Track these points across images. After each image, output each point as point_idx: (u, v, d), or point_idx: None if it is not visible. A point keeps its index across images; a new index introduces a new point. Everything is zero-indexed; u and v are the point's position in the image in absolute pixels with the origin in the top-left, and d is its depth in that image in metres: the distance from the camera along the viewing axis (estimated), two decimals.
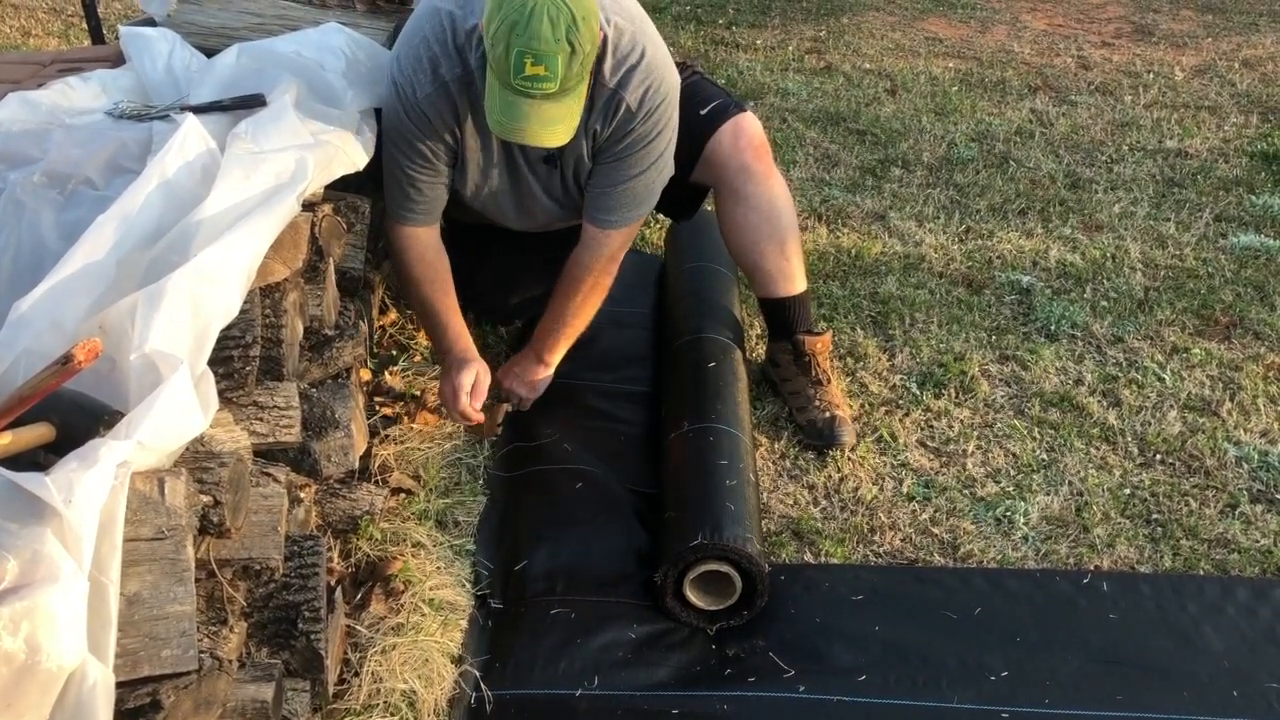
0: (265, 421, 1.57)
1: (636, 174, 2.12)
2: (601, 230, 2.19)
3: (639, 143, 2.08)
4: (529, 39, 1.74)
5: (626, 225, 2.20)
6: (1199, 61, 5.16)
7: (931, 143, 4.09)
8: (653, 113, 2.04)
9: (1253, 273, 3.15)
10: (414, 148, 2.05)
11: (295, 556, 1.56)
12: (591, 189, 2.18)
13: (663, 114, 2.07)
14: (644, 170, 2.12)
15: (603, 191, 2.16)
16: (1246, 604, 1.97)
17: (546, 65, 1.76)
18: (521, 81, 1.78)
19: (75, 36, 5.01)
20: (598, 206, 2.18)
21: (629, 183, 2.13)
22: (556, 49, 1.75)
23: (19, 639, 0.95)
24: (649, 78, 2.02)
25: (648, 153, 2.10)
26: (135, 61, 2.06)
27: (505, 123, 1.85)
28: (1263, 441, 2.42)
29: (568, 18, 1.75)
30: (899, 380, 2.61)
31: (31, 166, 1.66)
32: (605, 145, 2.09)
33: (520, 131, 1.86)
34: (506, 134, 1.88)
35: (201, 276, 1.35)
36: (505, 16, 1.76)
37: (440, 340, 2.28)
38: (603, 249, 2.21)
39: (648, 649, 1.86)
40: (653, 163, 2.12)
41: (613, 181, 2.14)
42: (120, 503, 1.07)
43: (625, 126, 2.05)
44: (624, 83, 2.00)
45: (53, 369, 1.11)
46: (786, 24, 5.68)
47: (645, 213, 2.24)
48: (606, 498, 2.16)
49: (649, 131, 2.07)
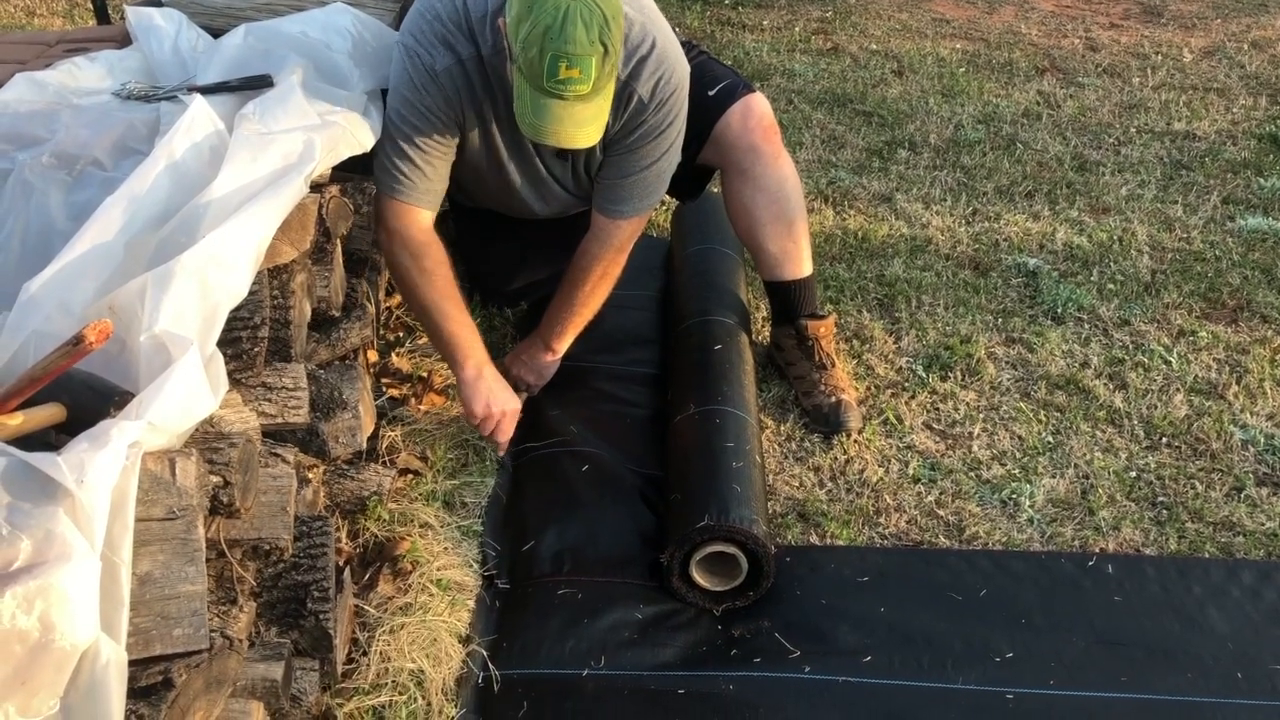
0: (274, 402, 1.57)
1: (648, 165, 2.11)
2: (611, 220, 2.19)
3: (650, 134, 2.07)
4: (564, 43, 1.71)
5: (637, 215, 2.20)
6: (1208, 43, 5.13)
7: (938, 124, 4.07)
8: (664, 103, 2.03)
9: (1260, 256, 3.14)
10: (428, 119, 1.98)
11: (304, 537, 1.57)
12: (601, 180, 2.17)
13: (674, 104, 2.05)
14: (655, 161, 2.11)
15: (613, 182, 2.15)
16: (1252, 586, 1.97)
17: (581, 68, 1.74)
18: (555, 85, 1.75)
19: (80, 16, 4.99)
20: (608, 197, 2.17)
21: (640, 173, 2.12)
22: (591, 51, 1.73)
23: (33, 617, 0.96)
24: (660, 69, 2.00)
25: (659, 143, 2.09)
26: (142, 42, 2.06)
27: (539, 125, 1.81)
28: (1269, 425, 2.42)
29: (600, 19, 1.73)
30: (905, 363, 2.61)
31: (40, 147, 1.66)
32: (617, 137, 2.08)
33: (554, 134, 1.82)
34: (539, 136, 1.84)
35: (210, 258, 1.35)
36: (537, 20, 1.72)
37: (453, 354, 2.13)
38: (612, 239, 2.21)
39: (654, 629, 1.87)
40: (664, 153, 2.11)
41: (624, 172, 2.13)
42: (132, 483, 1.07)
43: (637, 118, 2.04)
44: (635, 74, 1.99)
45: (64, 349, 1.11)
46: (793, 4, 5.65)
47: (655, 202, 2.22)
48: (613, 479, 2.17)
49: (660, 122, 2.06)
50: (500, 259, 2.58)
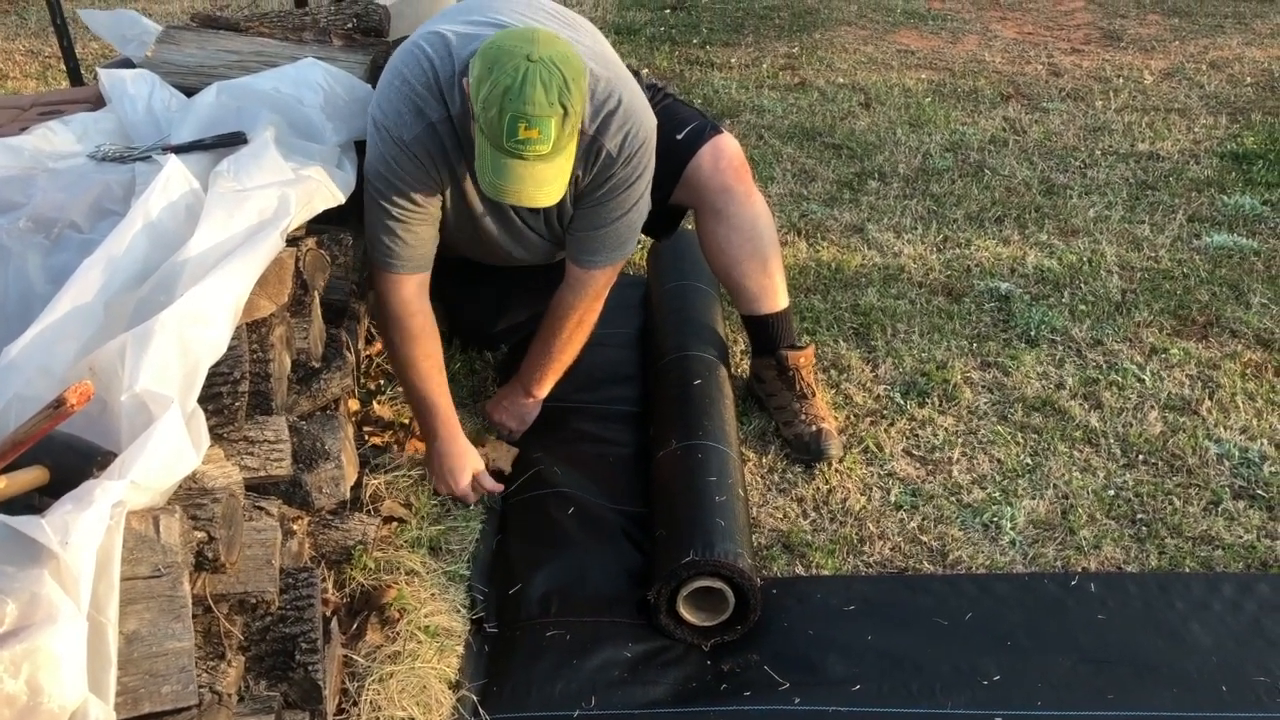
0: (256, 456, 1.58)
1: (618, 216, 2.14)
2: (586, 271, 2.22)
3: (619, 187, 2.09)
4: (522, 104, 1.74)
5: (610, 265, 2.23)
6: (1167, 65, 5.23)
7: (907, 154, 4.13)
8: (632, 157, 2.06)
9: (1227, 272, 3.19)
10: (404, 192, 2.00)
11: (290, 589, 1.57)
12: (574, 232, 2.20)
13: (642, 157, 2.09)
14: (625, 213, 2.14)
15: (586, 234, 2.18)
16: (1232, 599, 2.00)
17: (540, 129, 1.76)
18: (514, 144, 1.78)
19: (53, 78, 5.02)
20: (581, 249, 2.20)
21: (611, 225, 2.15)
22: (550, 113, 1.76)
23: (20, 681, 0.96)
24: (627, 123, 2.03)
25: (629, 195, 2.12)
26: (116, 103, 2.08)
27: (499, 184, 1.84)
28: (1242, 438, 2.45)
29: (560, 81, 1.76)
30: (883, 390, 2.64)
31: (16, 212, 1.68)
32: (587, 190, 2.11)
33: (515, 193, 1.86)
34: (499, 195, 1.87)
35: (189, 316, 1.36)
36: (497, 81, 1.75)
37: (428, 422, 2.22)
38: (588, 288, 2.23)
39: (643, 667, 1.87)
40: (633, 204, 2.14)
41: (594, 225, 2.16)
42: (116, 542, 1.08)
43: (606, 171, 2.06)
44: (603, 129, 2.01)
45: (45, 413, 1.12)
46: (760, 41, 5.74)
47: (629, 252, 2.25)
48: (598, 519, 2.18)
49: (629, 175, 2.08)
50: (480, 303, 2.61)
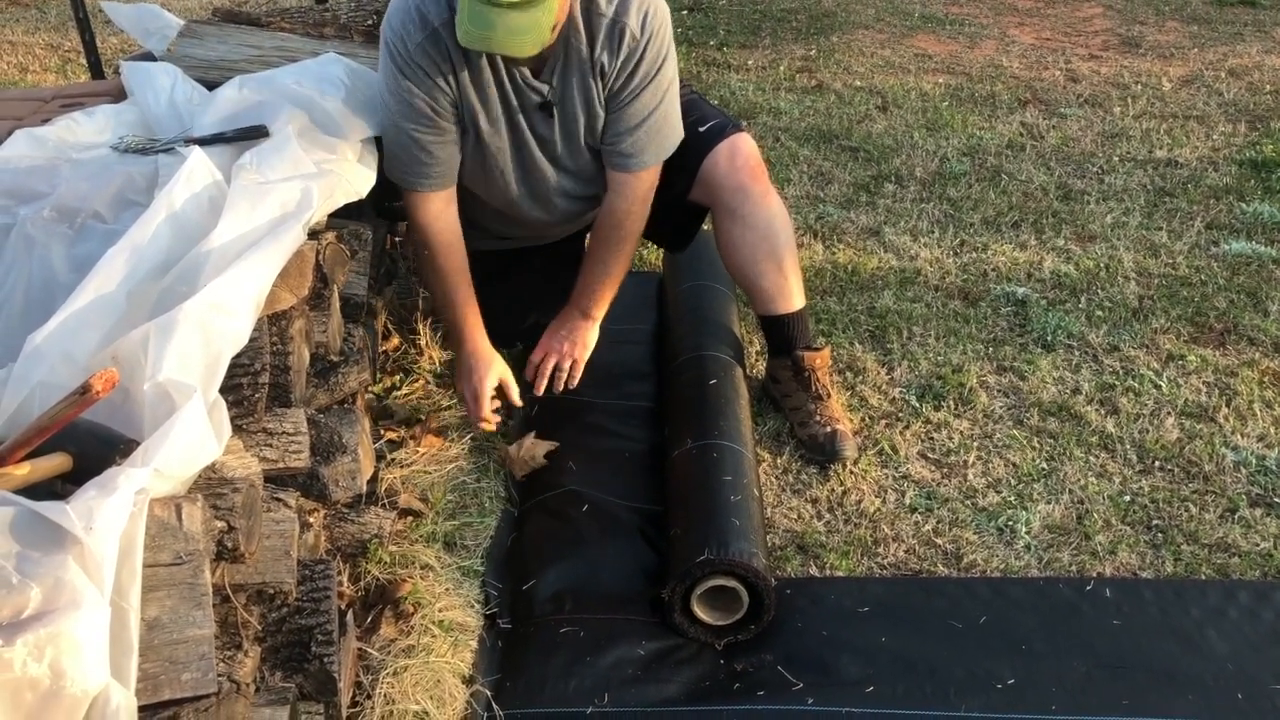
0: (275, 448, 1.59)
1: (655, 106, 2.16)
2: (631, 174, 2.24)
3: (651, 70, 2.12)
4: None
5: (655, 163, 2.25)
6: (1186, 72, 5.21)
7: (923, 158, 4.12)
8: (655, 34, 2.09)
9: (1245, 279, 3.18)
10: (414, 105, 2.07)
11: (307, 580, 1.58)
12: (611, 137, 2.20)
13: (664, 35, 2.12)
14: (660, 101, 2.17)
15: (625, 134, 2.19)
16: (1249, 607, 1.99)
17: None
18: None
19: (73, 72, 5.05)
20: (622, 151, 2.21)
21: (650, 117, 2.17)
22: None
23: (44, 665, 0.97)
24: (644, 2, 2.07)
25: (659, 81, 2.14)
26: (138, 96, 2.09)
27: (473, 31, 1.88)
28: (1260, 446, 2.44)
29: None
30: (898, 393, 2.63)
31: (41, 202, 1.69)
32: (618, 85, 2.12)
33: (487, 39, 1.89)
34: (473, 42, 1.91)
35: (212, 306, 1.37)
36: None
37: (456, 333, 2.34)
38: (635, 191, 2.26)
39: (657, 665, 1.87)
40: (666, 89, 2.17)
41: (634, 122, 2.17)
42: (139, 529, 1.09)
43: (635, 54, 2.09)
44: (623, 8, 2.05)
45: (70, 399, 1.13)
46: (777, 44, 5.74)
47: (672, 147, 2.26)
48: (612, 516, 2.18)
49: (657, 55, 2.11)
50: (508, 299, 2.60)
